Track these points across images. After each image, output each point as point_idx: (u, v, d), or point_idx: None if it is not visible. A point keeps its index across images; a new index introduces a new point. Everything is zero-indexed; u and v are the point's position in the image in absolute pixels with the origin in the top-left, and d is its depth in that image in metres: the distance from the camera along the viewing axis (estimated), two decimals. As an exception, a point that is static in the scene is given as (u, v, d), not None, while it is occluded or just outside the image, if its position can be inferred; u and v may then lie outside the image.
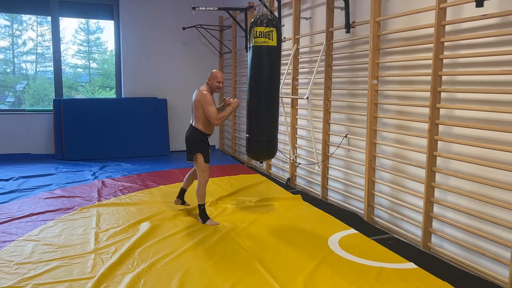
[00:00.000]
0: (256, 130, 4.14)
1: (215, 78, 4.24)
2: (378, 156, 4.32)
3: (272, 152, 4.25)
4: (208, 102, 4.13)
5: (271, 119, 4.18)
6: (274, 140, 4.22)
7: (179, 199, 4.67)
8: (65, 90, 8.29)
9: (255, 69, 4.07)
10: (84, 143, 7.72)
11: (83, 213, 4.61)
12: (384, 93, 4.29)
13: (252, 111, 4.15)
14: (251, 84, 4.13)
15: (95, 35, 9.18)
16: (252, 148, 4.17)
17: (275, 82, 4.15)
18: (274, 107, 4.18)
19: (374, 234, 4.07)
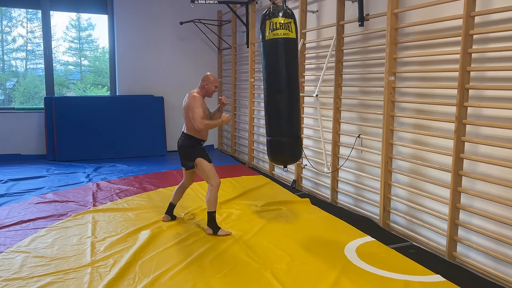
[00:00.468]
0: (279, 131, 3.89)
1: (213, 82, 3.96)
2: (395, 157, 4.04)
3: (298, 155, 3.97)
4: (196, 105, 3.81)
5: (296, 118, 3.94)
6: (299, 140, 3.97)
7: (168, 215, 4.25)
8: (56, 87, 7.95)
9: (275, 64, 3.80)
10: (77, 143, 7.37)
11: (78, 220, 4.28)
12: (401, 90, 4.01)
13: (273, 111, 3.88)
14: (270, 81, 3.86)
15: (86, 32, 8.91)
16: (275, 152, 3.90)
17: (296, 77, 3.90)
18: (297, 105, 3.94)
19: (392, 241, 3.80)
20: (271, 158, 4.05)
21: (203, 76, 3.99)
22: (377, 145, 4.27)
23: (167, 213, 4.26)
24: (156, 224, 4.14)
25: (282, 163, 4.08)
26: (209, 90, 3.94)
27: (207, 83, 3.94)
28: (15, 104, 7.85)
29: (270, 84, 3.88)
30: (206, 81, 3.94)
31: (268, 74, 3.87)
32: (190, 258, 3.39)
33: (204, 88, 3.95)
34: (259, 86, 6.84)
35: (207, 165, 3.91)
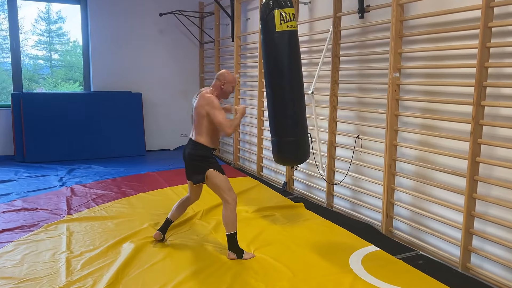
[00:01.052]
0: (286, 131, 3.60)
1: (232, 82, 3.39)
2: (399, 160, 3.76)
3: (308, 153, 3.70)
4: (217, 107, 3.25)
5: (302, 116, 3.66)
6: (307, 139, 3.72)
7: (161, 233, 3.61)
8: (25, 82, 7.43)
9: (284, 59, 3.49)
10: (48, 143, 6.84)
11: (50, 231, 3.84)
12: (405, 88, 3.73)
13: (280, 109, 3.58)
14: (276, 77, 3.55)
15: (56, 25, 8.39)
16: (283, 153, 3.63)
17: (300, 73, 3.60)
18: (303, 102, 3.66)
19: (398, 251, 3.52)
20: (278, 159, 3.73)
21: (218, 74, 3.39)
22: (378, 146, 3.99)
23: (161, 230, 3.62)
24: (140, 235, 3.75)
25: (291, 164, 3.80)
26: (226, 91, 3.38)
27: (225, 83, 3.35)
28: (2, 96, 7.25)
29: (277, 80, 3.55)
30: (223, 80, 3.35)
31: (272, 70, 3.54)
32: (181, 276, 3.02)
33: (220, 89, 3.37)
34: (244, 82, 6.48)
35: (221, 178, 3.32)
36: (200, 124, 3.32)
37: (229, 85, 3.40)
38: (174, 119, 7.94)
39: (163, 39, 7.77)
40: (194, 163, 3.36)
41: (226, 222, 3.34)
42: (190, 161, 3.38)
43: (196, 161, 3.35)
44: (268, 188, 5.41)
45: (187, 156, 3.39)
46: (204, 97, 3.31)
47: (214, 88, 3.40)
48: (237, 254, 3.33)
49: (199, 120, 3.32)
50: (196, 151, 3.34)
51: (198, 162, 3.34)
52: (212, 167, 3.33)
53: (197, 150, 3.34)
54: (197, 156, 3.33)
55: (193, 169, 3.39)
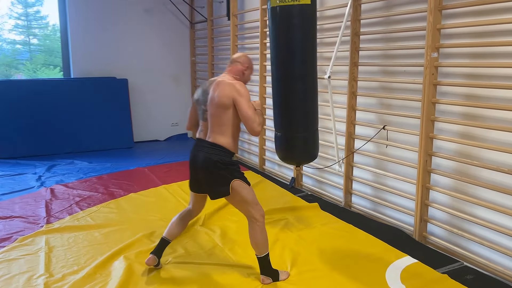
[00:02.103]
0: (292, 125, 3.08)
1: (253, 67, 2.82)
2: (436, 155, 3.22)
3: (316, 153, 3.12)
4: (246, 97, 2.58)
5: (314, 108, 3.11)
6: (315, 135, 3.18)
7: (156, 257, 2.83)
8: (3, 68, 6.85)
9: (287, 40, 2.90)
10: (25, 136, 6.14)
11: (26, 247, 3.23)
12: (442, 70, 3.17)
13: (284, 99, 3.07)
14: (280, 61, 3.04)
15: (34, 8, 7.79)
16: (287, 150, 3.06)
17: (314, 56, 3.06)
18: (313, 92, 3.09)
19: (439, 262, 3.01)
20: (283, 157, 3.19)
21: (238, 57, 2.76)
22: (408, 139, 3.45)
23: (156, 253, 2.84)
24: (132, 249, 3.16)
25: (297, 163, 3.23)
26: (247, 78, 2.79)
27: (247, 67, 2.76)
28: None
29: (281, 65, 3.01)
30: (246, 64, 2.75)
31: (278, 52, 2.98)
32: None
33: (242, 75, 2.75)
34: (242, 66, 5.84)
35: (249, 191, 2.66)
36: (222, 120, 2.61)
37: (251, 71, 2.80)
38: (163, 107, 7.28)
39: (149, 19, 7.05)
40: (215, 172, 2.61)
41: (256, 244, 2.68)
42: (209, 169, 2.61)
43: (218, 169, 2.60)
44: (273, 184, 4.85)
45: (204, 162, 2.62)
46: (229, 84, 2.62)
47: (235, 74, 2.74)
48: (273, 277, 2.73)
49: (221, 114, 2.60)
50: (217, 156, 2.59)
51: (221, 171, 2.60)
52: (238, 177, 2.64)
53: (219, 155, 2.60)
54: (220, 163, 2.59)
55: (212, 179, 2.65)
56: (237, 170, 2.68)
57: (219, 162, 2.59)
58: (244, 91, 2.60)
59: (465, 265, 2.98)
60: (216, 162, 2.59)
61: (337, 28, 4.01)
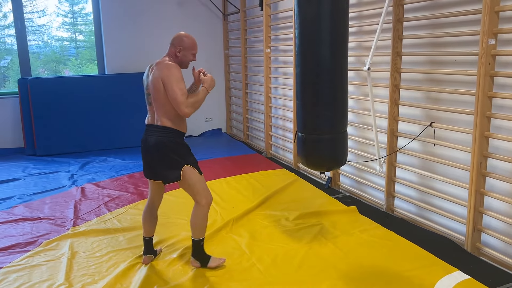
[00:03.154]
0: (317, 126, 2.78)
1: (191, 48, 2.65)
2: (492, 157, 2.83)
3: (345, 157, 2.84)
4: (175, 76, 2.52)
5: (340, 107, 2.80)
6: (345, 137, 2.86)
7: (151, 255, 2.93)
8: (53, 64, 7.03)
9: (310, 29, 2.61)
10: (60, 134, 6.15)
11: (50, 252, 3.13)
12: (500, 59, 2.76)
13: (307, 96, 2.76)
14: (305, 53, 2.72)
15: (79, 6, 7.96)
16: (312, 155, 2.77)
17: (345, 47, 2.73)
18: (342, 89, 2.79)
19: (494, 279, 2.64)
20: (307, 162, 2.89)
21: (173, 38, 2.66)
22: (459, 137, 3.07)
23: (146, 253, 2.92)
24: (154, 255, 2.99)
25: (324, 169, 2.92)
26: (183, 60, 2.65)
27: (181, 49, 2.62)
28: (10, 83, 6.79)
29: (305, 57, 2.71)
30: (179, 46, 2.62)
31: (303, 43, 2.68)
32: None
33: (175, 57, 2.64)
34: (276, 58, 5.56)
35: (198, 177, 2.68)
36: (163, 102, 2.57)
37: (187, 53, 2.64)
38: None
39: (182, 12, 6.88)
40: (166, 155, 2.61)
41: (195, 226, 2.74)
42: (160, 152, 2.60)
43: (170, 151, 2.60)
44: (308, 184, 4.56)
45: (155, 145, 2.60)
46: (162, 65, 2.58)
47: (170, 56, 2.66)
48: (202, 261, 2.80)
49: (160, 96, 2.56)
50: (168, 138, 2.58)
51: (172, 154, 2.60)
52: (190, 162, 2.65)
53: (168, 136, 2.59)
54: (172, 145, 2.59)
55: (163, 163, 2.63)
56: (189, 154, 2.69)
57: (169, 144, 2.59)
58: (172, 72, 2.53)
59: (527, 284, 2.60)
60: (170, 144, 2.59)
61: (377, 14, 3.65)
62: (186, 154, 2.66)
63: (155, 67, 2.62)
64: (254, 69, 6.28)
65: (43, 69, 7.24)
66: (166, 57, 2.66)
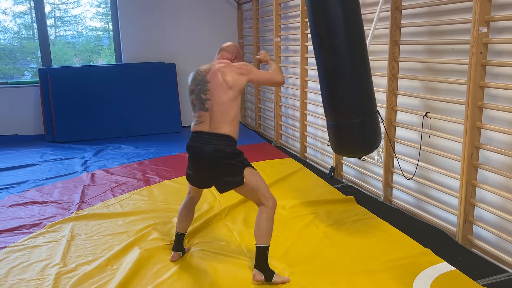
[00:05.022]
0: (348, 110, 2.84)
1: (241, 57, 2.78)
2: (484, 147, 2.77)
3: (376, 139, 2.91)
4: (252, 67, 2.62)
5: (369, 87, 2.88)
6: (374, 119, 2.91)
7: (179, 252, 2.85)
8: (87, 54, 7.37)
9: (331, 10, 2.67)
10: (79, 121, 6.38)
11: (52, 233, 3.29)
12: (494, 48, 2.69)
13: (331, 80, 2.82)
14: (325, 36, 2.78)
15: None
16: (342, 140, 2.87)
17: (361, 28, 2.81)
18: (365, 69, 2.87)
19: (482, 271, 2.60)
20: (339, 150, 2.92)
21: (226, 46, 2.71)
22: (454, 128, 3.01)
23: (176, 249, 2.84)
24: (147, 240, 3.10)
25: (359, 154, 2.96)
26: None
27: (235, 58, 2.71)
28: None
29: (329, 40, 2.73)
30: (234, 54, 2.71)
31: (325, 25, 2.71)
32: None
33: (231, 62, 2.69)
34: (286, 47, 5.56)
35: (258, 177, 2.55)
36: (226, 108, 2.47)
37: (239, 60, 2.71)
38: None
39: (196, 1, 6.94)
40: (226, 163, 2.48)
41: (260, 232, 2.50)
42: (220, 161, 2.47)
43: (230, 159, 2.48)
44: (312, 173, 4.57)
45: (213, 154, 2.46)
46: (228, 66, 2.57)
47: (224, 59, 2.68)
48: (266, 275, 2.49)
49: (226, 101, 2.48)
50: (229, 147, 2.47)
51: (233, 161, 2.49)
52: (248, 165, 2.54)
53: (229, 145, 2.48)
54: (231, 154, 2.48)
55: (222, 171, 2.51)
56: (246, 158, 2.58)
57: (229, 152, 2.48)
58: (246, 65, 2.61)
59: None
60: (230, 154, 2.48)
61: (374, 3, 3.59)
62: (244, 159, 2.57)
63: (220, 70, 2.53)
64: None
65: (77, 59, 7.52)
66: (223, 60, 2.65)
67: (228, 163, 2.49)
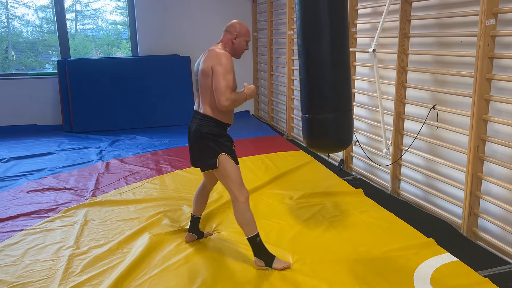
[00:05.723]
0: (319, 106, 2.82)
1: (246, 35, 2.63)
2: (490, 140, 2.77)
3: (349, 138, 2.89)
4: (226, 67, 2.47)
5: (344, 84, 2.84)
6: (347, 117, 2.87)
7: (193, 234, 2.98)
8: (106, 48, 7.54)
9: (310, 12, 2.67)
10: (95, 112, 6.53)
11: (66, 218, 3.42)
12: (502, 40, 2.68)
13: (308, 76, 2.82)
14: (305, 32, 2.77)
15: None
16: (315, 136, 2.83)
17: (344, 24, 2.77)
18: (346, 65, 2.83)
19: (484, 263, 2.62)
20: (310, 144, 2.95)
21: (228, 26, 2.64)
22: (462, 121, 3.02)
23: (192, 231, 2.98)
24: (158, 226, 3.20)
25: (327, 150, 2.97)
26: (238, 47, 2.63)
27: (237, 36, 2.60)
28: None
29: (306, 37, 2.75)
30: (235, 33, 2.60)
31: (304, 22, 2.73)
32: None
33: (231, 44, 2.61)
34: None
35: (234, 169, 2.57)
36: (210, 90, 2.52)
37: (242, 39, 2.62)
38: (226, 84, 7.26)
39: (212, -6, 7.02)
40: (203, 143, 2.59)
41: (242, 226, 2.60)
42: (197, 140, 2.60)
43: (206, 140, 2.56)
44: (322, 166, 4.61)
45: (194, 133, 2.60)
46: (213, 52, 2.54)
47: (224, 43, 2.62)
48: (266, 260, 2.58)
49: (207, 84, 2.53)
50: (206, 127, 2.55)
51: (209, 142, 2.56)
52: (226, 151, 2.56)
53: (208, 126, 2.55)
54: (208, 134, 2.55)
55: (200, 151, 2.62)
56: (226, 144, 2.59)
57: (208, 133, 2.55)
58: (224, 62, 2.48)
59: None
60: (206, 134, 2.55)
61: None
62: (224, 144, 2.58)
63: (207, 54, 2.58)
64: (279, 51, 6.33)
65: (97, 52, 7.68)
66: (219, 44, 2.63)
67: (205, 144, 2.58)
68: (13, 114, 6.59)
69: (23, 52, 7.26)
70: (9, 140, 6.00)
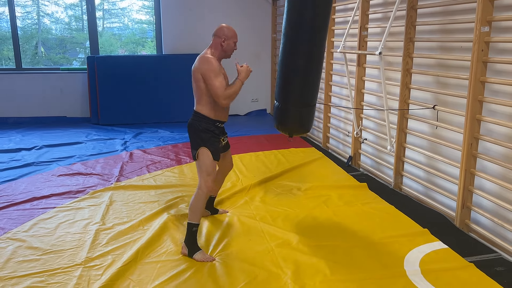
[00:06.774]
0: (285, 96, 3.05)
1: (233, 37, 2.88)
2: (483, 138, 2.99)
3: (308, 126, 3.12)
4: (213, 71, 2.75)
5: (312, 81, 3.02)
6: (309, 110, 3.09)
7: (208, 210, 3.38)
8: (131, 46, 7.91)
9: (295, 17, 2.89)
10: (121, 106, 6.94)
11: (93, 199, 3.77)
12: (498, 46, 2.89)
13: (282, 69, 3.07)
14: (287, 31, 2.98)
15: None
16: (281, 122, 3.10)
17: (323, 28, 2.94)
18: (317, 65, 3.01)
19: (472, 251, 2.84)
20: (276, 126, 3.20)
21: (216, 30, 2.88)
22: (459, 120, 3.23)
23: (206, 208, 3.33)
24: (176, 208, 3.52)
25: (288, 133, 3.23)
26: (227, 49, 2.87)
27: (225, 39, 2.84)
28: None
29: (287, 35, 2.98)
30: (223, 37, 2.84)
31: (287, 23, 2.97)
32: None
33: (219, 47, 2.85)
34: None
35: (208, 162, 2.84)
36: (198, 90, 2.85)
37: (231, 41, 2.87)
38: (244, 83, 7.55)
39: (233, -3, 7.33)
40: (191, 136, 2.92)
41: (191, 209, 2.84)
42: (188, 133, 2.94)
43: (193, 133, 2.89)
44: (331, 162, 4.86)
45: (187, 127, 2.95)
46: (200, 57, 2.83)
47: (213, 48, 2.88)
48: (189, 250, 2.78)
49: (196, 86, 2.84)
50: (195, 122, 2.88)
51: (195, 135, 2.88)
52: (207, 146, 2.85)
53: (197, 121, 2.87)
54: (196, 129, 2.87)
55: (191, 142, 2.94)
56: (210, 140, 2.86)
57: (196, 128, 2.86)
58: (210, 66, 2.75)
59: (501, 257, 2.77)
60: (194, 128, 2.87)
61: (391, 2, 3.83)
62: (207, 139, 2.85)
63: (196, 59, 2.85)
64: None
65: (123, 50, 8.09)
66: (208, 50, 2.87)
67: (192, 136, 2.90)
68: (45, 106, 7.05)
69: (51, 49, 7.69)
70: (41, 130, 6.44)
